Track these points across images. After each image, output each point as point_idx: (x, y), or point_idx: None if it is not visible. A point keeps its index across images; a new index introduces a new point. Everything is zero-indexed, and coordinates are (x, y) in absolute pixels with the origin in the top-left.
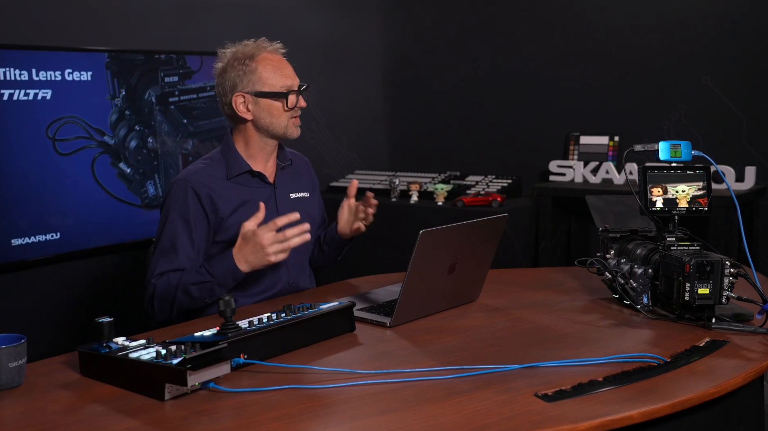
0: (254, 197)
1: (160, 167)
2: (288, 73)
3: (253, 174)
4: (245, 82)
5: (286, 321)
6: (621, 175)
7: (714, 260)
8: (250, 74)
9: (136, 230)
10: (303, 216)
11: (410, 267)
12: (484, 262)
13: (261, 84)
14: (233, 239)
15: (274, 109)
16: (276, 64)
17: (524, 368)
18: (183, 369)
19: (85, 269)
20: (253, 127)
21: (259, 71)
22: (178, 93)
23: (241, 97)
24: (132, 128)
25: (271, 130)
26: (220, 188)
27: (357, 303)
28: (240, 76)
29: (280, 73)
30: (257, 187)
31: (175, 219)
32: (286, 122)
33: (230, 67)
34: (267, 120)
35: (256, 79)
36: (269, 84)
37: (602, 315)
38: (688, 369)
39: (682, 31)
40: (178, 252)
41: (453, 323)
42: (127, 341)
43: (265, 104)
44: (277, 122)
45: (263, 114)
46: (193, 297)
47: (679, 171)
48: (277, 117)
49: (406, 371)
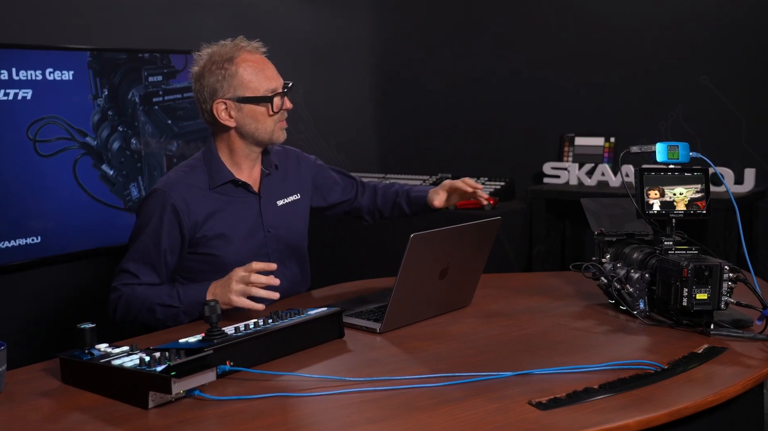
0: (237, 209)
1: (144, 169)
2: (270, 74)
3: (237, 184)
4: (226, 88)
5: (273, 327)
6: (617, 177)
7: (712, 264)
8: (230, 78)
9: (119, 234)
10: (291, 221)
11: (400, 272)
12: (477, 267)
13: (243, 89)
14: (212, 252)
15: (258, 115)
16: (257, 65)
17: (518, 375)
18: (167, 377)
19: (66, 273)
20: (237, 134)
21: (240, 75)
22: (162, 93)
23: (222, 104)
24: (115, 129)
25: (257, 136)
26: (200, 200)
27: (346, 309)
28: (219, 80)
29: (262, 74)
30: (241, 197)
31: (149, 233)
32: (272, 127)
33: (208, 72)
34: (251, 126)
35: (237, 83)
36: (252, 88)
37: (598, 321)
38: (686, 377)
39: (679, 29)
40: (148, 266)
41: (444, 329)
42: (109, 348)
43: (249, 110)
44: (263, 128)
45: (247, 120)
46: (157, 317)
47: (677, 173)
48: (262, 122)
49: (396, 378)
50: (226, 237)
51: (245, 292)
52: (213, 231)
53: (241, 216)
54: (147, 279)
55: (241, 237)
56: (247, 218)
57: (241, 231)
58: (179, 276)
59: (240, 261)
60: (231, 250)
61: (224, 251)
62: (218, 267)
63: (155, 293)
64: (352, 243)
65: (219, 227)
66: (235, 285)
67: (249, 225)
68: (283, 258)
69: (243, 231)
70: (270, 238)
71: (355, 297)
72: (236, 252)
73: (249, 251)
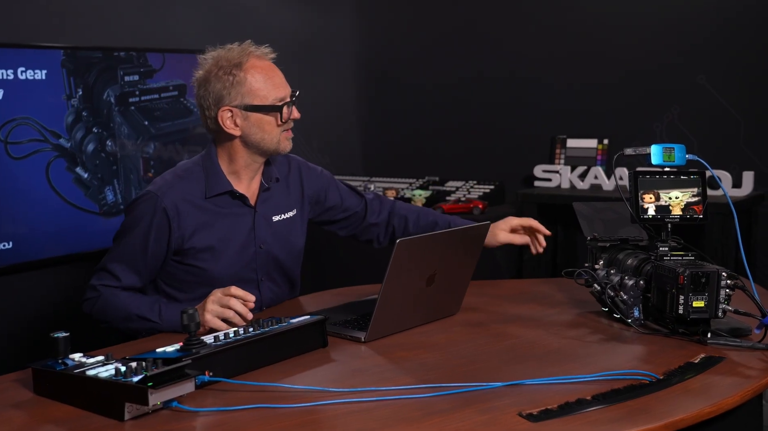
0: (229, 223)
1: (120, 172)
2: (279, 82)
3: (235, 195)
4: (233, 95)
5: (254, 336)
6: (610, 180)
7: (709, 271)
8: (237, 85)
9: (93, 239)
10: (286, 237)
11: (386, 279)
12: (465, 273)
13: (251, 96)
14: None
15: (265, 124)
16: (266, 72)
17: (507, 386)
18: (144, 388)
19: (39, 280)
20: (241, 143)
21: (248, 82)
22: (139, 93)
23: (228, 112)
24: (89, 130)
25: (262, 146)
26: (192, 209)
27: (329, 317)
28: (227, 87)
29: (271, 82)
30: (236, 210)
31: (136, 236)
32: (278, 137)
33: (214, 77)
34: (258, 136)
35: (245, 91)
36: (260, 96)
37: (591, 330)
38: (682, 387)
39: (676, 27)
40: (131, 269)
41: (431, 338)
42: (84, 357)
43: (256, 119)
44: (269, 137)
45: (254, 129)
46: (132, 328)
47: (673, 176)
48: (269, 132)
49: (382, 389)
50: (215, 250)
51: (221, 315)
52: (202, 243)
53: (232, 230)
54: (128, 281)
55: (231, 251)
56: (239, 232)
57: (232, 246)
58: (162, 282)
59: (227, 276)
60: (219, 264)
61: (211, 265)
62: (204, 280)
63: (135, 303)
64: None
65: (209, 239)
66: (210, 305)
67: (240, 240)
68: (272, 275)
69: (233, 245)
70: (261, 254)
71: (339, 304)
72: (224, 266)
73: (237, 266)
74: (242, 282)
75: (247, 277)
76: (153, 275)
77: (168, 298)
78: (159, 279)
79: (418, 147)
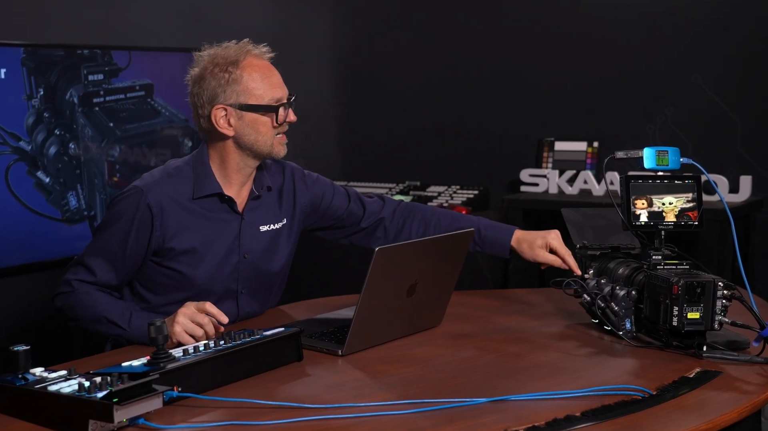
0: (214, 227)
1: (84, 176)
2: (277, 82)
3: (223, 199)
4: (228, 93)
5: (226, 349)
6: (601, 185)
7: (705, 281)
8: (233, 84)
9: (55, 247)
10: (272, 249)
11: (364, 289)
12: (448, 283)
13: (246, 95)
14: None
15: (260, 125)
16: (264, 71)
17: (493, 402)
18: (109, 404)
19: None
20: (234, 145)
21: (244, 80)
22: (104, 93)
23: (222, 110)
24: (51, 132)
25: (255, 148)
26: (177, 209)
27: (305, 330)
28: (222, 85)
29: (268, 82)
30: (222, 215)
31: (116, 230)
32: (272, 140)
33: (209, 74)
34: (251, 137)
35: (241, 89)
36: (256, 95)
37: (580, 343)
38: (676, 403)
39: (669, 23)
40: (108, 264)
41: (412, 351)
42: (45, 372)
43: (251, 119)
44: (263, 139)
45: (247, 130)
46: (100, 330)
47: (666, 181)
48: (263, 134)
49: (360, 405)
50: (197, 254)
51: (191, 331)
52: (184, 245)
53: (217, 235)
54: (104, 278)
55: (213, 257)
56: (223, 238)
57: (214, 252)
58: (138, 283)
59: (206, 283)
60: (199, 270)
61: (191, 269)
62: (182, 285)
63: (107, 305)
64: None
65: (191, 242)
66: (182, 318)
67: (224, 247)
68: (253, 289)
69: (216, 251)
70: (244, 265)
71: (315, 316)
72: (204, 272)
73: (218, 275)
74: (221, 293)
75: (226, 288)
76: (130, 275)
77: (142, 301)
78: (135, 281)
79: (398, 150)
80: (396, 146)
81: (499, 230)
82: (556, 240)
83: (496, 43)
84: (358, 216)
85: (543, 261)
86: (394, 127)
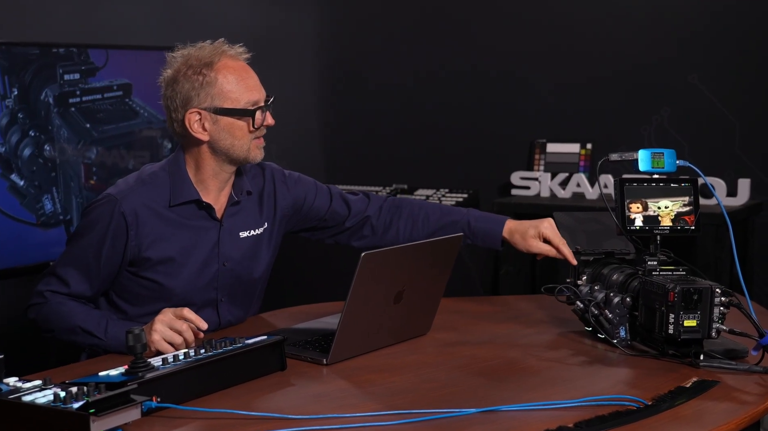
0: (192, 235)
1: (59, 179)
2: (253, 84)
3: (201, 206)
4: (202, 97)
5: (206, 358)
6: (594, 188)
7: (702, 287)
8: (208, 86)
9: (30, 252)
10: (253, 256)
11: (350, 296)
12: (436, 290)
13: (221, 99)
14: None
15: (236, 129)
16: (239, 73)
17: (483, 413)
18: (85, 415)
19: None
20: (209, 150)
21: (219, 83)
22: (80, 93)
23: (196, 114)
24: (26, 134)
25: (231, 153)
26: (153, 217)
27: (288, 338)
28: (195, 88)
29: (244, 84)
30: (200, 222)
31: (90, 240)
32: (249, 144)
33: (182, 76)
34: (227, 142)
35: (216, 92)
36: (231, 99)
37: (573, 351)
38: (672, 414)
39: (665, 21)
40: (81, 274)
41: (400, 360)
42: (19, 382)
43: (226, 123)
44: (239, 144)
45: (223, 135)
46: (75, 341)
47: (662, 184)
48: (239, 138)
49: (345, 416)
50: (174, 264)
51: (169, 339)
52: (161, 254)
53: (195, 243)
54: (77, 289)
55: (191, 266)
56: (202, 246)
57: (193, 260)
58: (114, 293)
59: (185, 293)
60: (177, 280)
61: (169, 280)
62: (160, 295)
63: (82, 315)
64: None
65: (168, 251)
66: (160, 326)
67: (202, 255)
68: (234, 297)
69: (194, 260)
70: (224, 273)
71: (298, 324)
72: (183, 282)
73: (197, 284)
74: (200, 303)
75: (206, 297)
76: (105, 285)
77: (119, 312)
78: (111, 291)
79: (385, 152)
80: (383, 148)
81: (491, 221)
82: (549, 230)
83: (487, 42)
84: (342, 216)
85: (537, 251)
86: (380, 128)
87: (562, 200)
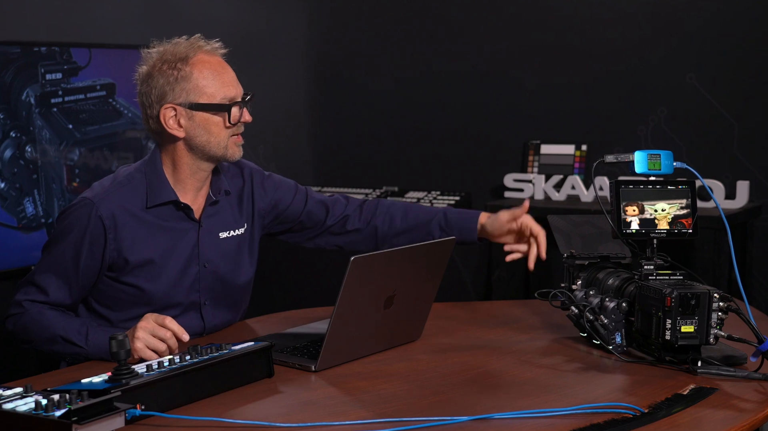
0: (171, 237)
1: (41, 181)
2: (229, 79)
3: (178, 206)
4: (177, 91)
5: (192, 365)
6: (589, 191)
7: (700, 292)
8: (183, 81)
9: (11, 257)
10: (234, 257)
11: (339, 300)
12: (427, 295)
13: (197, 94)
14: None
15: (212, 125)
16: (215, 68)
17: (475, 420)
18: (67, 423)
19: None
20: (185, 147)
21: (194, 77)
22: (62, 93)
23: (171, 110)
24: (6, 135)
25: (207, 150)
26: (130, 220)
27: (276, 344)
28: (170, 83)
29: (220, 80)
30: (179, 224)
31: (67, 245)
32: (226, 141)
33: (158, 72)
34: (203, 138)
35: (191, 87)
36: (207, 94)
37: (568, 358)
38: (669, 422)
39: (662, 19)
40: (60, 281)
41: (390, 367)
42: (0, 389)
43: (202, 119)
44: (216, 141)
45: (199, 131)
46: (56, 351)
47: (659, 186)
48: (215, 135)
49: (335, 424)
50: (154, 266)
51: (152, 346)
52: (140, 258)
53: (174, 245)
54: (56, 297)
55: (172, 269)
56: (182, 248)
57: (173, 263)
58: (94, 300)
59: (167, 297)
60: (158, 283)
61: (149, 284)
62: (142, 300)
63: (62, 324)
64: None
65: (147, 254)
66: (142, 333)
67: (182, 257)
68: (218, 299)
69: (174, 262)
70: (206, 274)
71: (286, 329)
72: (163, 285)
73: (178, 287)
74: (183, 306)
75: (189, 300)
76: (85, 292)
77: (99, 317)
78: (90, 298)
79: (375, 153)
80: (373, 149)
81: (466, 213)
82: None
83: (479, 41)
84: (320, 216)
85: (508, 228)
86: (370, 129)
87: (557, 203)
